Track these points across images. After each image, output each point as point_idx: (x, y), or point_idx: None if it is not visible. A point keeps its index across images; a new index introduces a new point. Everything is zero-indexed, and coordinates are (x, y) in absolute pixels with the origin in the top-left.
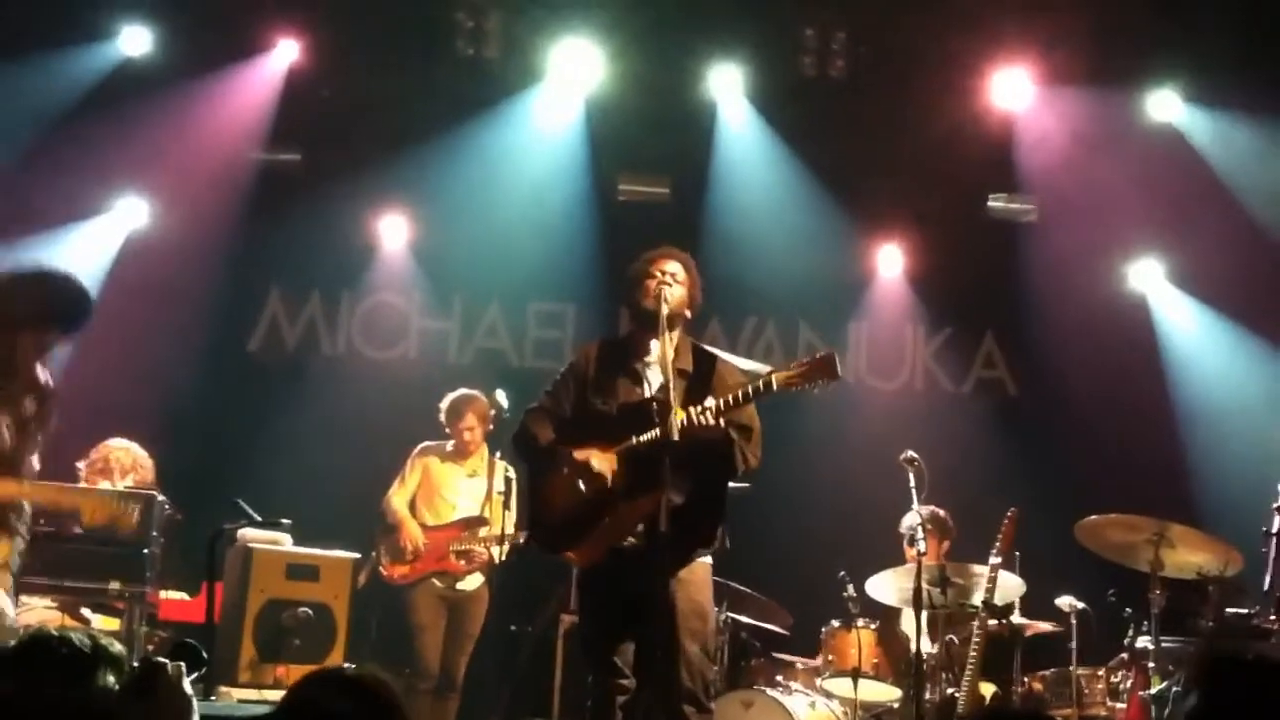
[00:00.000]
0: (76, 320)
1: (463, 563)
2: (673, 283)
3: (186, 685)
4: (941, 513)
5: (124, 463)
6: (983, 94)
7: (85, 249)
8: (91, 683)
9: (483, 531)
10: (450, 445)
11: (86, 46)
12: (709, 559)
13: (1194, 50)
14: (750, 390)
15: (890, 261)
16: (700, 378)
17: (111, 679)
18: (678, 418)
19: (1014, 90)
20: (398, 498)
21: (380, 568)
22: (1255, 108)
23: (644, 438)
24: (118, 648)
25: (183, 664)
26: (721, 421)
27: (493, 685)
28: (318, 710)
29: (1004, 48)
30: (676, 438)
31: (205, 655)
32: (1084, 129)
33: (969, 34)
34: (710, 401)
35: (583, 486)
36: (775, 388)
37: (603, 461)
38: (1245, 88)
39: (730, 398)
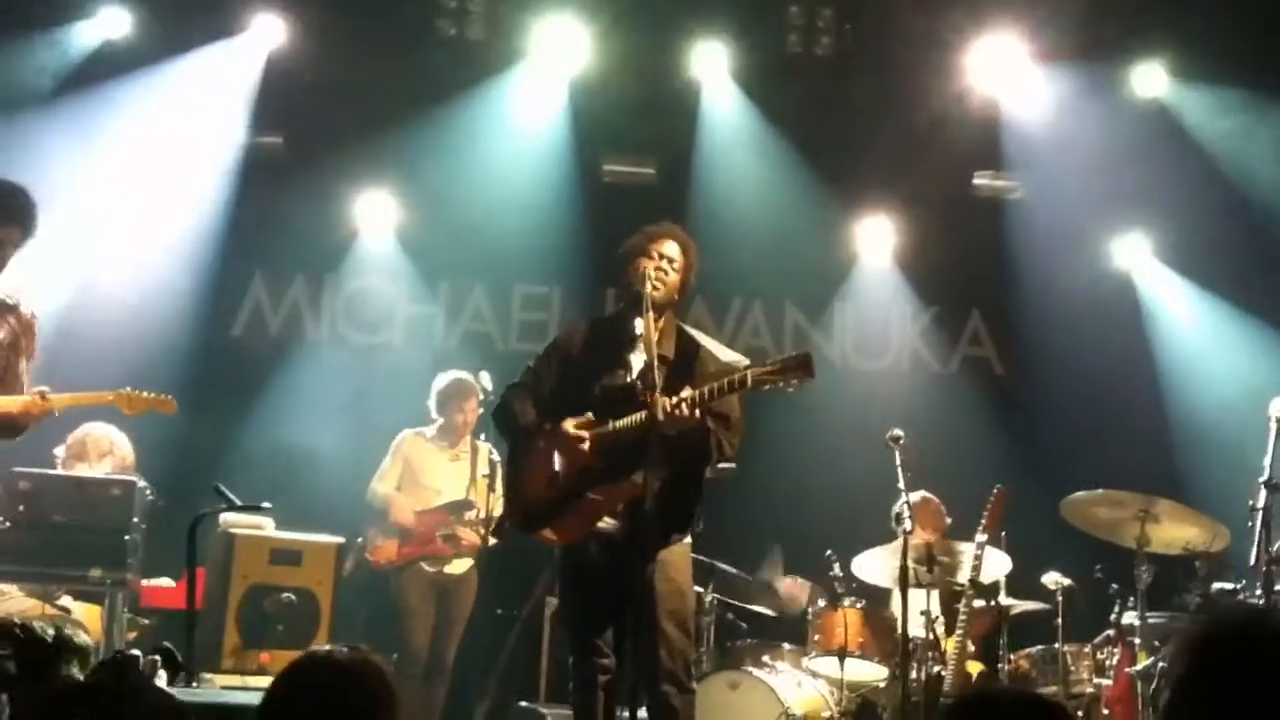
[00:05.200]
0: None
1: (449, 546)
2: (668, 269)
3: (161, 680)
4: (935, 501)
5: (101, 446)
6: (969, 71)
7: (66, 233)
8: (54, 673)
9: (469, 515)
10: (433, 430)
11: (64, 28)
12: (688, 539)
13: (1180, 25)
14: (725, 385)
15: (876, 240)
16: (682, 364)
17: (75, 669)
18: (660, 403)
19: (1000, 67)
20: (382, 485)
21: (367, 553)
22: (1241, 82)
23: (623, 422)
24: (83, 638)
25: (157, 658)
26: (698, 413)
27: (481, 669)
28: (308, 696)
29: (990, 24)
30: (661, 418)
31: (179, 659)
32: (1070, 105)
33: (955, 11)
34: (686, 393)
35: (559, 458)
36: (750, 384)
37: (579, 432)
38: (1231, 62)
39: (706, 390)
